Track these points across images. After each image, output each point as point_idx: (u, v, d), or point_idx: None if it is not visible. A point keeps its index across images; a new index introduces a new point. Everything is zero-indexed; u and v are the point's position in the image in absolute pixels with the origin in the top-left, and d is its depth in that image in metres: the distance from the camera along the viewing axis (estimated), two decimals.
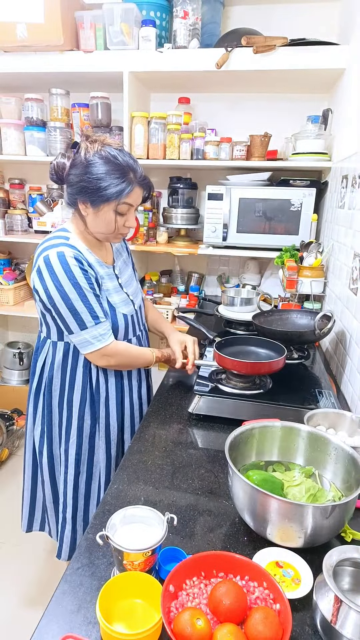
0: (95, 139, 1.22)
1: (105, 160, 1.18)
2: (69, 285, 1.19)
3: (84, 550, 0.81)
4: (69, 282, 1.19)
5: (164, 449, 1.13)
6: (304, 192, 2.06)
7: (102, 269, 1.32)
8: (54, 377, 1.35)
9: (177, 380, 1.54)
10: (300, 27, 2.15)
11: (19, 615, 1.68)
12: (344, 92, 1.90)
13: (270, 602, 0.66)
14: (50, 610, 0.70)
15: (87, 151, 1.19)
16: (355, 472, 0.86)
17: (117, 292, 1.36)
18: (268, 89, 2.28)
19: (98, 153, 1.18)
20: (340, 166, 1.85)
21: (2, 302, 2.61)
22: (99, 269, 1.30)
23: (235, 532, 0.86)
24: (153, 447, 1.14)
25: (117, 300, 1.35)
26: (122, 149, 1.23)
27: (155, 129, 2.15)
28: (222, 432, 1.21)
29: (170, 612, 0.64)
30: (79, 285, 1.20)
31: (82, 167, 1.19)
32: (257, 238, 2.16)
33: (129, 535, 0.74)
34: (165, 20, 2.11)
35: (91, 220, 1.24)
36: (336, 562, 0.67)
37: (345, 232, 1.64)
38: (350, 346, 1.44)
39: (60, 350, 1.32)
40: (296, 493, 0.88)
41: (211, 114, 2.40)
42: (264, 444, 0.99)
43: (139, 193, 1.26)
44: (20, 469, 2.52)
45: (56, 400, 1.36)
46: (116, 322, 1.32)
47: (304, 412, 1.10)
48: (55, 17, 1.96)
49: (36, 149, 2.30)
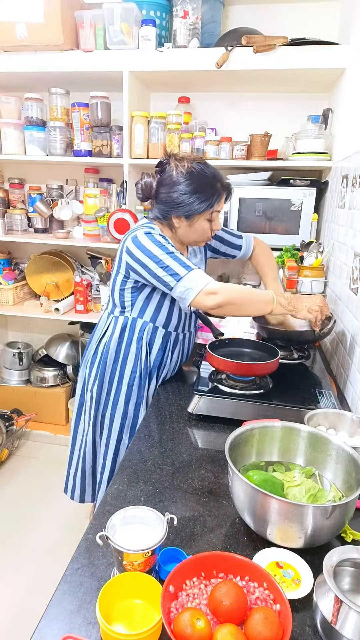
0: (183, 157, 1.33)
1: (198, 176, 1.29)
2: (156, 248, 1.29)
3: (83, 550, 0.81)
4: (154, 245, 1.29)
5: (164, 449, 1.13)
6: (304, 192, 2.06)
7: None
8: (110, 348, 1.47)
9: (177, 380, 1.54)
10: (301, 26, 2.14)
11: (19, 615, 1.68)
12: (344, 92, 1.90)
13: (270, 603, 0.65)
14: (50, 610, 0.70)
15: (177, 170, 1.30)
16: (355, 472, 0.85)
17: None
18: (268, 88, 2.27)
19: (188, 170, 1.29)
20: (340, 166, 1.85)
21: (2, 302, 2.61)
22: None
23: (235, 532, 0.86)
24: (153, 447, 1.14)
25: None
26: (205, 162, 1.34)
27: (155, 129, 2.15)
28: (222, 432, 1.21)
29: (170, 613, 0.64)
30: (165, 247, 1.29)
31: (175, 185, 1.30)
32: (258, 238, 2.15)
33: (129, 535, 0.74)
34: (165, 19, 2.11)
35: (183, 231, 1.37)
36: (336, 562, 0.67)
37: (346, 231, 1.64)
38: (351, 346, 1.44)
39: (120, 323, 1.46)
40: (296, 493, 0.88)
41: (211, 113, 2.40)
42: (264, 444, 0.98)
43: (224, 198, 1.36)
44: (20, 469, 2.53)
45: (109, 370, 1.48)
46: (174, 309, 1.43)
47: (304, 412, 1.10)
48: (55, 17, 1.96)
49: (36, 148, 2.30)
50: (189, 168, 1.30)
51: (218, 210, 1.36)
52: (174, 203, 1.31)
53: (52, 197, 2.58)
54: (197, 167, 1.30)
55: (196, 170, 1.30)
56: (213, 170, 1.33)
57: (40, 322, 2.99)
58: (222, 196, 1.34)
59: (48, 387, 2.82)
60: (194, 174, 1.29)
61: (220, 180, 1.33)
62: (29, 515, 2.17)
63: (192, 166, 1.30)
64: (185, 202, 1.30)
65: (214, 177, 1.32)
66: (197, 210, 1.31)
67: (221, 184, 1.33)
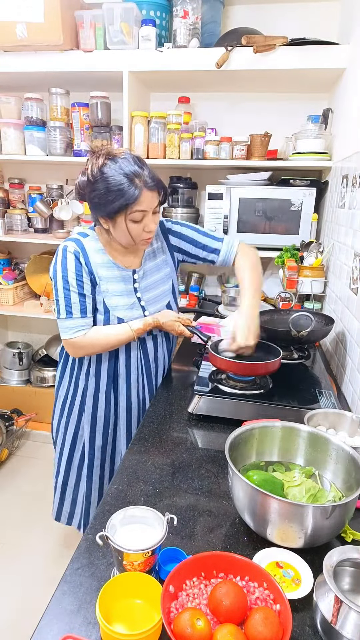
0: (100, 153, 1.24)
1: (109, 174, 1.20)
2: (60, 277, 1.30)
3: (83, 550, 0.81)
4: (60, 273, 1.30)
5: (164, 449, 1.13)
6: (304, 192, 2.06)
7: (109, 272, 1.35)
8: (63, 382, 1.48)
9: (177, 380, 1.54)
10: (301, 26, 2.14)
11: (19, 616, 1.68)
12: (344, 92, 1.89)
13: (270, 603, 0.65)
14: (50, 611, 0.70)
15: (92, 168, 1.22)
16: (355, 472, 0.85)
17: (124, 296, 1.37)
18: (268, 88, 2.27)
19: (100, 169, 1.21)
20: (340, 166, 1.85)
21: (2, 302, 2.61)
22: (104, 271, 1.34)
23: (235, 532, 0.86)
24: (153, 447, 1.14)
25: (119, 304, 1.37)
26: (126, 156, 1.23)
27: (155, 129, 2.15)
28: (222, 432, 1.21)
29: (170, 613, 0.64)
30: (67, 279, 1.29)
31: (91, 184, 1.23)
32: (258, 238, 2.15)
33: (129, 535, 0.74)
34: (165, 19, 2.11)
35: (113, 232, 1.30)
36: (336, 562, 0.67)
37: (346, 231, 1.64)
38: (351, 346, 1.44)
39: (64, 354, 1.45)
40: (296, 493, 0.88)
41: (211, 113, 2.40)
42: (264, 444, 0.98)
43: (151, 196, 1.24)
44: (20, 469, 2.53)
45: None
46: (108, 324, 1.37)
47: (304, 412, 1.10)
48: (55, 17, 1.96)
49: (36, 148, 2.30)
50: (102, 165, 1.21)
51: (142, 210, 1.23)
52: (93, 203, 1.26)
53: (52, 197, 2.58)
54: (109, 164, 1.21)
55: (108, 167, 1.20)
56: (134, 166, 1.21)
57: (40, 322, 2.99)
58: (141, 195, 1.20)
59: (48, 387, 2.81)
60: (105, 171, 1.20)
61: (139, 177, 1.20)
62: (29, 515, 2.17)
63: (105, 162, 1.21)
64: (101, 202, 1.22)
65: (132, 173, 1.19)
66: (112, 210, 1.22)
67: (141, 181, 1.20)
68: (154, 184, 1.23)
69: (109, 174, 1.20)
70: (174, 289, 1.51)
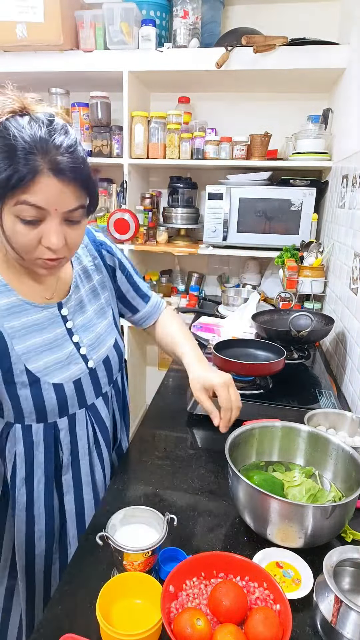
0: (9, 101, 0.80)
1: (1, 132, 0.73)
2: None
3: (83, 550, 0.81)
4: None
5: (164, 449, 1.13)
6: (304, 192, 2.06)
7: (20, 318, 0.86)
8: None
9: (177, 381, 1.54)
10: (300, 26, 2.14)
11: None
12: (344, 92, 1.90)
13: (270, 603, 0.65)
14: (50, 610, 0.70)
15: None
16: (355, 472, 0.85)
17: (53, 348, 0.90)
18: (268, 88, 2.27)
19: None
20: (340, 166, 1.85)
21: None
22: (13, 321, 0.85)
23: (235, 532, 0.86)
24: (153, 447, 1.14)
25: (50, 362, 0.89)
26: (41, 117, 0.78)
27: (155, 129, 2.15)
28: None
29: (170, 613, 0.64)
30: None
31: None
32: (257, 238, 2.16)
33: (129, 535, 0.74)
34: (165, 19, 2.11)
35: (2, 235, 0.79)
36: (336, 562, 0.67)
37: (346, 231, 1.64)
38: (351, 346, 1.44)
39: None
40: (296, 493, 0.87)
41: (211, 113, 2.40)
42: (264, 444, 0.98)
43: (59, 189, 0.74)
44: None
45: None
46: (40, 400, 0.87)
47: (304, 412, 1.10)
48: (55, 17, 1.96)
49: None
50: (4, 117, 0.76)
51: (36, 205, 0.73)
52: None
53: None
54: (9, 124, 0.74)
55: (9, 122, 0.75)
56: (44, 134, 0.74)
57: None
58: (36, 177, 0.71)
59: None
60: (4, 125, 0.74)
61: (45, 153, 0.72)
62: None
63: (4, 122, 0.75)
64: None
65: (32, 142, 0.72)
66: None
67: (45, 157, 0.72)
68: (68, 171, 0.74)
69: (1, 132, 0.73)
70: (115, 321, 1.07)
